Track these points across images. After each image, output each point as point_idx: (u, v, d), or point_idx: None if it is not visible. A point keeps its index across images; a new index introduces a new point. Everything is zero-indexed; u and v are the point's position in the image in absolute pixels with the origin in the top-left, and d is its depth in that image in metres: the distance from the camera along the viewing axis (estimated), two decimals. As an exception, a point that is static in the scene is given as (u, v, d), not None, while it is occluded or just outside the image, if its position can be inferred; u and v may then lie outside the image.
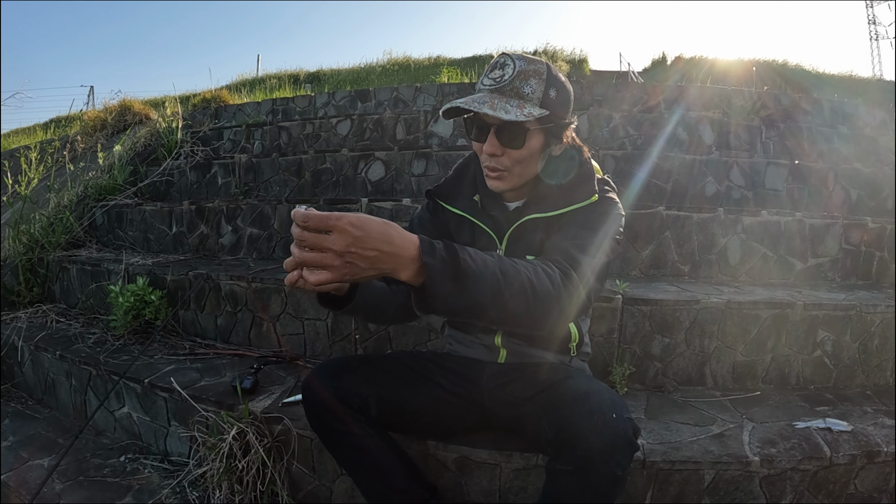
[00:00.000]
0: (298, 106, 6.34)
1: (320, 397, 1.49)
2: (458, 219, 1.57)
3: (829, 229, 2.80)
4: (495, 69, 1.36)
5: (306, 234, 0.93)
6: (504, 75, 1.34)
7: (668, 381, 2.19)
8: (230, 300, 2.67)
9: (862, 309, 2.23)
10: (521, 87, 1.34)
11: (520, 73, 1.34)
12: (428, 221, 1.63)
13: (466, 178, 1.61)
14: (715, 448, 1.67)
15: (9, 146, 8.39)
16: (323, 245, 0.93)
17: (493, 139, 1.37)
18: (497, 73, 1.35)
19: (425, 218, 1.64)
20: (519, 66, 1.34)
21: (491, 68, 1.37)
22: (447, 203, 1.58)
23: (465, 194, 1.58)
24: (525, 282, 1.09)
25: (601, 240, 1.35)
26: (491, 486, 1.69)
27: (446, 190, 1.61)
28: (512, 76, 1.33)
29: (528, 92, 1.34)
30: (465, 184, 1.60)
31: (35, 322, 3.11)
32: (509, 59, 1.35)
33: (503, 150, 1.38)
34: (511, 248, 1.50)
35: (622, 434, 1.21)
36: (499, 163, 1.39)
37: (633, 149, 3.83)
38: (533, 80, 1.34)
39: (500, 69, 1.35)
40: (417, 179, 3.71)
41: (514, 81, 1.33)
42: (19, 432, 2.41)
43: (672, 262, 2.74)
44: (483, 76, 1.39)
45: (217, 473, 1.85)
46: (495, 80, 1.34)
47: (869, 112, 5.61)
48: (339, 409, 1.46)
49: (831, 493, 1.67)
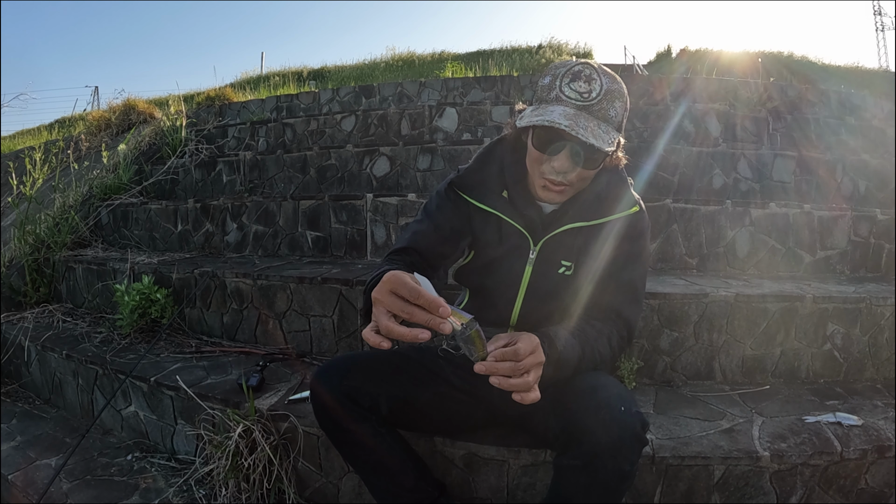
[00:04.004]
0: (302, 103, 6.33)
1: (330, 397, 1.45)
2: (485, 215, 1.50)
3: (838, 221, 2.78)
4: (579, 80, 1.27)
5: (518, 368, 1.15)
6: (592, 92, 1.26)
7: (676, 375, 2.18)
8: (236, 298, 2.67)
9: (871, 302, 2.21)
10: (608, 108, 1.27)
11: (607, 94, 1.27)
12: (450, 211, 1.51)
13: (492, 170, 1.51)
14: (724, 443, 1.66)
15: (14, 147, 8.43)
16: (538, 362, 1.19)
17: (567, 157, 1.30)
18: (583, 87, 1.26)
19: (446, 207, 1.52)
20: (606, 85, 1.27)
21: (573, 77, 1.28)
22: (472, 197, 1.50)
23: (492, 188, 1.50)
24: (596, 355, 1.37)
25: (644, 273, 1.53)
26: (499, 483, 1.68)
27: (470, 181, 1.51)
28: (600, 95, 1.26)
29: (613, 115, 1.29)
30: (490, 176, 1.51)
31: (41, 322, 3.12)
32: (594, 71, 1.28)
33: (576, 170, 1.32)
34: (545, 252, 1.47)
35: (630, 429, 1.20)
36: (567, 179, 1.33)
37: (640, 142, 3.80)
38: (618, 102, 1.29)
39: (585, 83, 1.27)
40: (423, 175, 3.69)
41: (601, 102, 1.26)
42: (27, 432, 2.42)
43: (680, 255, 2.72)
44: (562, 83, 1.28)
45: (223, 471, 1.85)
46: (582, 97, 1.26)
47: (876, 103, 5.57)
48: (350, 409, 1.44)
49: (842, 489, 1.66)
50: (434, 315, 0.96)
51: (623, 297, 1.44)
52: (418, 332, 0.95)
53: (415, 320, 0.96)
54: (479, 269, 1.55)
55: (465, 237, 1.53)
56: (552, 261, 1.47)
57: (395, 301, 0.97)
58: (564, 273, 1.48)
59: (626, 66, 16.12)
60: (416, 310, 0.96)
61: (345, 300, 2.42)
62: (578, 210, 1.44)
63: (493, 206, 1.48)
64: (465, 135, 4.32)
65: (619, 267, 1.44)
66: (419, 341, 0.95)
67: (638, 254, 1.47)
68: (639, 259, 1.47)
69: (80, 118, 9.80)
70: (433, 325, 0.96)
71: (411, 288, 0.96)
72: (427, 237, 1.48)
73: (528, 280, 1.49)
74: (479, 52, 14.78)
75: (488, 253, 1.52)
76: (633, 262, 1.46)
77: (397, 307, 0.97)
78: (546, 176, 1.35)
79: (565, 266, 1.47)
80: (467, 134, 4.34)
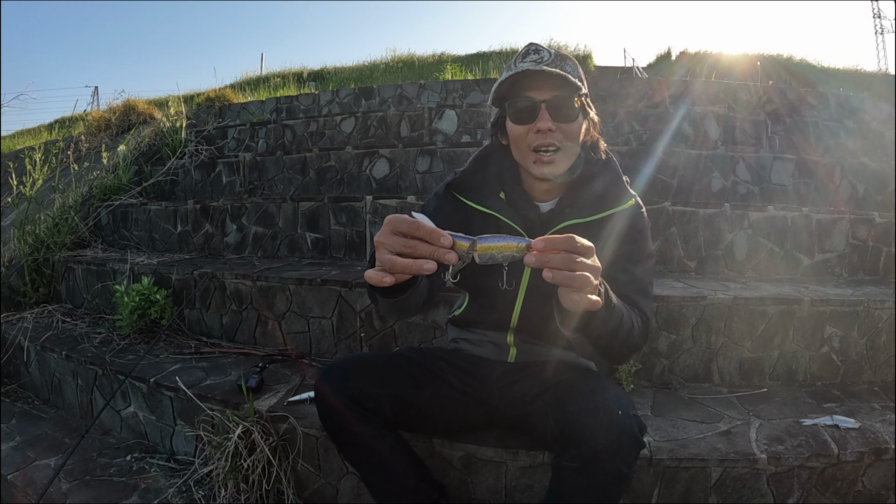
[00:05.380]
0: (302, 104, 6.34)
1: (335, 399, 1.45)
2: (483, 216, 1.50)
3: (836, 224, 2.78)
4: (529, 54, 1.36)
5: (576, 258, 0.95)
6: (543, 57, 1.35)
7: (674, 377, 2.18)
8: (235, 299, 2.68)
9: (869, 304, 2.22)
10: (562, 65, 1.35)
11: (557, 56, 1.36)
12: (449, 213, 1.51)
13: (489, 172, 1.53)
14: (722, 445, 1.66)
15: (13, 147, 8.43)
16: (590, 266, 0.97)
17: (546, 114, 1.35)
18: (534, 56, 1.35)
19: (446, 210, 1.52)
20: (554, 52, 1.36)
21: (523, 55, 1.37)
22: (469, 199, 1.51)
23: (490, 189, 1.51)
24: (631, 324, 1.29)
25: (651, 269, 1.50)
26: (497, 484, 1.68)
27: (468, 183, 1.53)
28: (552, 57, 1.35)
29: (570, 70, 1.36)
30: (487, 177, 1.53)
31: (41, 322, 3.12)
32: (541, 47, 1.37)
33: (556, 126, 1.36)
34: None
35: (628, 431, 1.21)
36: (554, 138, 1.36)
37: (639, 144, 3.81)
38: (570, 61, 1.38)
39: (535, 53, 1.36)
40: (422, 176, 3.70)
41: (555, 61, 1.35)
42: (26, 432, 2.42)
43: (678, 257, 2.73)
44: (516, 63, 1.37)
45: (223, 472, 1.85)
46: (536, 62, 1.34)
47: (875, 106, 5.58)
48: (354, 412, 1.44)
49: (839, 491, 1.66)
50: (436, 245, 0.92)
51: (634, 290, 1.42)
52: (423, 262, 0.92)
53: (418, 254, 0.92)
54: (477, 272, 1.55)
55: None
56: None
57: (396, 239, 0.93)
58: None
59: (625, 68, 16.10)
60: (418, 243, 0.92)
61: (344, 302, 2.42)
62: (576, 209, 1.45)
63: (492, 208, 1.48)
64: (464, 137, 4.32)
65: (622, 267, 1.43)
66: (425, 272, 0.92)
67: (640, 253, 1.46)
68: (641, 257, 1.46)
69: (80, 118, 9.79)
70: (438, 256, 0.92)
71: (410, 221, 0.93)
72: None
73: (528, 281, 1.49)
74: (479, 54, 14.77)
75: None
76: (636, 262, 1.45)
77: (399, 245, 0.92)
78: (533, 145, 1.38)
79: None
80: (467, 136, 4.34)
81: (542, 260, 0.94)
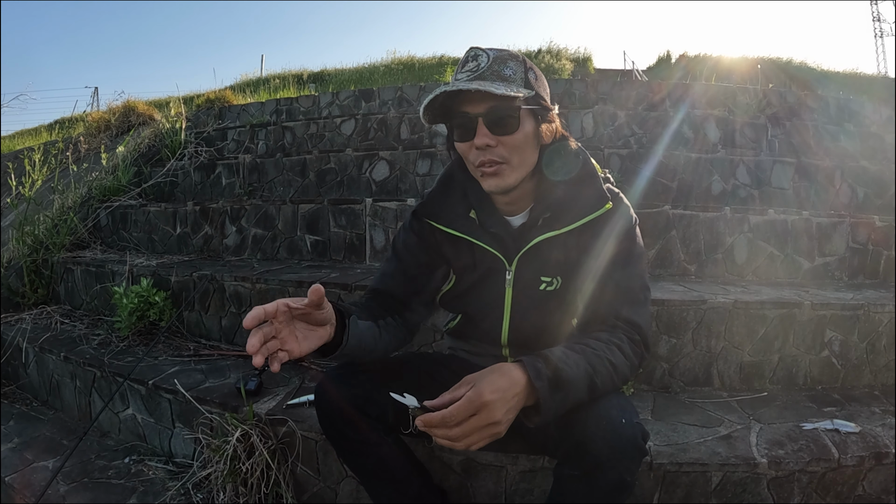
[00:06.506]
0: (302, 106, 6.34)
1: (337, 406, 1.40)
2: (454, 240, 1.46)
3: (836, 228, 2.78)
4: (468, 62, 1.28)
5: (456, 430, 1.06)
6: (480, 64, 1.26)
7: (674, 381, 2.18)
8: (235, 301, 2.67)
9: (870, 308, 2.22)
10: (500, 69, 1.26)
11: (496, 59, 1.26)
12: (415, 246, 1.50)
13: (455, 191, 1.47)
14: (722, 450, 1.66)
15: (13, 148, 8.42)
16: (484, 424, 1.07)
17: (483, 129, 1.26)
18: (471, 65, 1.27)
19: (412, 242, 1.50)
20: (493, 55, 1.27)
21: (462, 64, 1.29)
22: (438, 223, 1.46)
23: (459, 211, 1.45)
24: (608, 366, 1.21)
25: (641, 273, 1.39)
26: (497, 489, 1.68)
27: (435, 207, 1.47)
28: (489, 62, 1.26)
29: (510, 74, 1.27)
30: (454, 199, 1.46)
31: (39, 323, 3.11)
32: (479, 51, 1.28)
33: (496, 140, 1.27)
34: (522, 270, 1.42)
35: (631, 439, 1.18)
36: (494, 154, 1.28)
37: (639, 147, 3.81)
38: (511, 62, 1.28)
39: (473, 61, 1.27)
40: (422, 179, 3.70)
41: (492, 66, 1.26)
42: (24, 434, 2.41)
43: (678, 261, 2.73)
44: (455, 73, 1.29)
45: (221, 475, 1.85)
46: (472, 71, 1.26)
47: (875, 109, 5.59)
48: (357, 419, 1.40)
49: (839, 495, 1.66)
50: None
51: (621, 300, 1.33)
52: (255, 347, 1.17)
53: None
54: (460, 295, 1.53)
55: (439, 266, 1.52)
56: (531, 279, 1.43)
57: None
58: (547, 289, 1.43)
59: (625, 71, 16.14)
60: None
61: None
62: (548, 220, 1.38)
63: (461, 230, 1.44)
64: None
65: (609, 272, 1.35)
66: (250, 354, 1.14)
67: (628, 256, 1.37)
68: (630, 259, 1.37)
69: (80, 119, 9.80)
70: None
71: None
72: (395, 278, 1.51)
73: (511, 301, 1.46)
74: (479, 56, 14.75)
75: (465, 279, 1.50)
76: (623, 265, 1.36)
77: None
78: (476, 162, 1.31)
79: (545, 282, 1.43)
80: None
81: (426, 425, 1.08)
